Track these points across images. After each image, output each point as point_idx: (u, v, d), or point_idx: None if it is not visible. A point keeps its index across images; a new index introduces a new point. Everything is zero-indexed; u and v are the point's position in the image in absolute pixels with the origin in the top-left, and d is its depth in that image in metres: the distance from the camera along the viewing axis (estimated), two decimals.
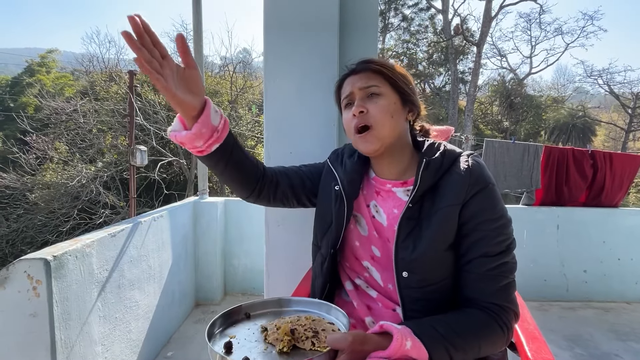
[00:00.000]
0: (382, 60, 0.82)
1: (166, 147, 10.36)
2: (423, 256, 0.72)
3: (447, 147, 0.80)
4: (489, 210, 0.72)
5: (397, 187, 0.81)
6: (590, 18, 15.98)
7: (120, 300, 1.70)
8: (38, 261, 1.22)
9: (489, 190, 0.73)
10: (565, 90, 18.95)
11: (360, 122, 0.78)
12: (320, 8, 1.28)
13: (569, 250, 2.99)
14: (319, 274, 0.89)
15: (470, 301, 0.72)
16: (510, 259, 0.72)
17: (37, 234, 9.57)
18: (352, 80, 0.82)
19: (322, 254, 0.87)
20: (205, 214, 2.72)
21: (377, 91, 0.79)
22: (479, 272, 0.71)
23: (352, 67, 0.84)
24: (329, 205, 0.86)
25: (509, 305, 0.70)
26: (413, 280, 0.73)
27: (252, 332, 0.71)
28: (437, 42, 16.39)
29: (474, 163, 0.75)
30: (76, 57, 17.56)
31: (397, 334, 0.61)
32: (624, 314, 2.76)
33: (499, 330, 0.69)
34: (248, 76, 12.95)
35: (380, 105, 0.77)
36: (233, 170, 0.82)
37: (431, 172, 0.75)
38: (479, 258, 0.71)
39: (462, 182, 0.72)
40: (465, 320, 0.69)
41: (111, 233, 1.64)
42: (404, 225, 0.75)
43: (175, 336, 2.29)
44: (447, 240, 0.72)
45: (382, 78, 0.79)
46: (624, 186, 3.22)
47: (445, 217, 0.72)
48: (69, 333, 1.33)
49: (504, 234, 0.72)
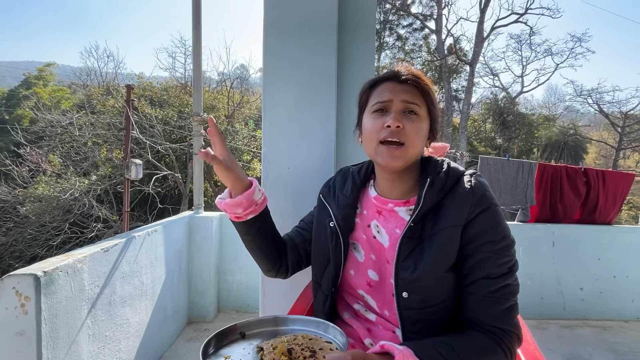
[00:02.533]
0: (426, 80, 0.79)
1: (161, 161, 10.33)
2: (424, 276, 0.70)
3: (451, 166, 0.79)
4: (491, 231, 0.70)
5: (400, 206, 0.80)
6: (579, 40, 16.47)
7: (110, 318, 1.65)
8: (28, 277, 1.19)
9: (491, 211, 0.71)
10: (556, 109, 19.35)
11: (392, 137, 0.74)
12: (318, 19, 1.30)
13: (564, 268, 2.98)
14: (320, 311, 0.87)
15: (472, 323, 0.70)
16: (512, 281, 0.71)
17: (27, 247, 9.37)
18: (395, 88, 0.77)
19: (324, 292, 0.86)
20: (200, 229, 2.69)
21: (417, 111, 0.76)
22: (481, 294, 0.69)
23: (396, 72, 0.78)
24: (326, 242, 0.85)
25: (512, 329, 0.69)
26: (413, 301, 0.72)
27: (248, 352, 0.69)
28: (431, 61, 16.75)
29: (476, 183, 0.74)
30: (74, 71, 17.64)
31: (399, 354, 0.60)
32: (621, 333, 2.74)
33: (501, 355, 0.67)
34: (245, 92, 13.07)
35: (416, 127, 0.75)
36: (262, 240, 0.90)
37: (435, 191, 0.74)
38: (481, 280, 0.70)
39: (465, 202, 0.71)
40: (467, 342, 0.67)
41: (104, 248, 1.61)
42: (405, 245, 0.74)
43: (167, 355, 2.22)
44: (449, 261, 0.71)
45: (423, 99, 0.77)
46: (617, 203, 3.25)
47: (447, 238, 0.70)
48: (56, 352, 1.29)
49: (506, 255, 0.71)
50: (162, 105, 11.02)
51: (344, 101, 1.40)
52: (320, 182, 1.32)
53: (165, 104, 11.08)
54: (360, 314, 0.85)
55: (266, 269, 0.94)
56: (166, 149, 10.06)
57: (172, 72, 14.65)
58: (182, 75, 13.73)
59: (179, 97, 11.39)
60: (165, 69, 22.32)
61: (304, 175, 1.32)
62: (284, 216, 1.32)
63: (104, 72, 14.79)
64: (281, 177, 1.32)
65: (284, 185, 1.31)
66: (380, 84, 0.79)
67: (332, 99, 1.32)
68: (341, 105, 1.39)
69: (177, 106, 11.01)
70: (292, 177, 1.32)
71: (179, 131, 10.52)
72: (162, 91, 11.87)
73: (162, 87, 12.44)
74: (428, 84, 0.78)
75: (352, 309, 0.87)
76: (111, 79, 14.24)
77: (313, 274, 0.91)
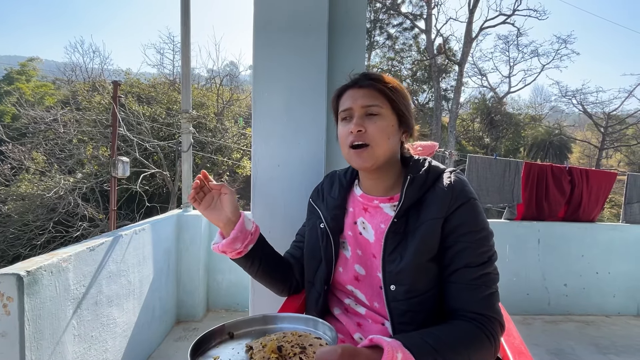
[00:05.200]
0: (386, 79, 0.82)
1: (149, 159, 10.18)
2: (408, 267, 0.74)
3: (432, 164, 0.83)
4: (470, 222, 0.74)
5: (384, 202, 0.83)
6: (564, 42, 16.83)
7: (97, 318, 1.63)
8: (10, 277, 1.16)
9: (470, 205, 0.75)
10: (542, 109, 19.75)
11: (356, 140, 0.79)
12: (309, 17, 1.30)
13: (549, 264, 3.05)
14: (313, 309, 0.89)
15: (456, 312, 0.73)
16: (492, 270, 0.74)
17: (9, 247, 9.12)
18: (354, 95, 0.81)
19: (317, 290, 0.89)
20: (189, 227, 2.66)
21: (377, 112, 0.79)
22: (462, 282, 0.73)
23: (356, 79, 0.83)
24: (317, 242, 0.89)
25: (494, 315, 0.71)
26: (400, 292, 0.75)
27: (237, 352, 0.69)
28: (421, 61, 16.89)
29: (456, 179, 0.78)
30: (58, 66, 17.22)
31: (388, 346, 0.61)
32: (603, 327, 2.82)
33: (486, 341, 0.69)
34: (235, 89, 12.96)
35: (378, 126, 0.78)
36: (268, 266, 0.92)
37: (415, 188, 0.78)
38: (462, 269, 0.73)
39: (445, 197, 0.75)
40: (453, 331, 0.69)
41: (90, 247, 1.58)
42: (390, 239, 0.77)
43: (155, 355, 2.20)
44: (431, 251, 0.74)
45: (384, 98, 0.80)
46: (600, 202, 3.34)
47: (429, 230, 0.74)
48: (40, 354, 1.26)
49: (485, 245, 0.74)
50: (149, 102, 10.84)
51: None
52: (310, 180, 1.32)
53: (153, 100, 10.90)
54: (350, 309, 0.87)
55: (279, 291, 0.97)
56: (154, 147, 9.91)
57: (160, 69, 14.46)
58: (170, 72, 13.56)
59: (167, 94, 11.23)
60: (153, 66, 22.03)
61: (294, 174, 1.31)
62: (274, 214, 1.32)
63: (89, 68, 14.49)
64: (271, 175, 1.31)
65: (274, 183, 1.31)
66: (344, 93, 0.84)
67: (322, 97, 1.32)
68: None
69: (165, 103, 10.85)
70: (283, 175, 1.31)
71: (167, 128, 10.38)
72: (149, 88, 11.68)
73: (150, 83, 12.25)
74: (389, 83, 0.81)
75: (342, 304, 0.88)
76: (97, 74, 13.96)
77: (306, 274, 0.93)
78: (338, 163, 1.39)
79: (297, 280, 0.96)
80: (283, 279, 0.95)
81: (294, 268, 0.96)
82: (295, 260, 0.97)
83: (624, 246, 3.12)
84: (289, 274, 0.95)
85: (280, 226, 1.31)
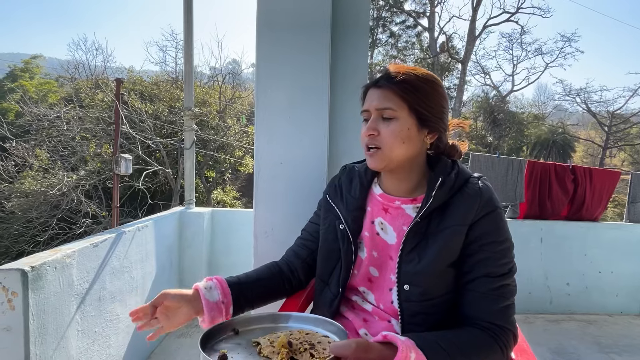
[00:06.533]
0: (407, 79, 0.75)
1: (152, 157, 10.20)
2: (426, 270, 0.73)
3: (460, 167, 0.80)
4: (495, 232, 0.74)
5: (407, 204, 0.81)
6: (568, 40, 16.74)
7: (100, 314, 1.64)
8: (14, 272, 1.17)
9: (496, 214, 0.75)
10: (546, 108, 19.65)
11: (370, 143, 0.78)
12: (312, 14, 1.30)
13: (552, 263, 3.04)
14: (326, 310, 0.86)
15: (471, 319, 0.72)
16: (511, 282, 0.74)
17: (13, 244, 9.18)
18: (371, 96, 0.79)
19: (332, 291, 0.86)
20: (191, 225, 2.67)
21: (391, 115, 0.76)
22: (481, 291, 0.72)
23: (377, 78, 0.80)
24: (335, 242, 0.86)
25: (509, 327, 0.71)
26: (414, 293, 0.74)
27: (244, 347, 0.69)
28: (424, 59, 16.82)
29: (484, 186, 0.76)
30: (61, 64, 17.25)
31: (402, 345, 0.61)
32: (605, 327, 2.81)
33: (498, 351, 0.69)
34: (237, 87, 12.96)
35: (391, 130, 0.75)
36: (261, 300, 0.88)
37: (445, 191, 0.76)
38: (482, 277, 0.72)
39: (472, 203, 0.74)
40: (466, 337, 0.69)
41: (93, 243, 1.58)
42: (410, 239, 0.76)
43: (157, 351, 2.21)
44: (452, 256, 0.74)
45: (400, 100, 0.75)
46: (603, 201, 3.32)
47: (453, 235, 0.73)
48: (44, 348, 1.27)
49: (507, 257, 0.74)
50: (152, 99, 10.86)
51: (337, 97, 1.40)
52: (313, 178, 1.32)
53: (155, 98, 10.92)
54: (357, 305, 0.86)
55: (284, 297, 0.96)
56: (156, 144, 9.93)
57: (162, 67, 14.47)
58: (172, 70, 13.56)
59: (169, 92, 11.24)
60: (155, 63, 21.99)
61: (297, 171, 1.31)
62: (276, 212, 1.32)
63: (92, 66, 14.51)
64: (274, 172, 1.31)
65: (276, 181, 1.31)
66: (367, 91, 0.81)
67: (325, 95, 1.32)
68: (334, 100, 1.39)
69: (168, 101, 10.87)
70: (285, 172, 1.31)
71: (170, 126, 10.39)
72: (152, 85, 11.69)
73: (153, 81, 12.26)
74: (409, 83, 0.75)
75: (350, 301, 0.88)
76: (100, 72, 13.98)
77: (319, 273, 0.90)
78: (341, 161, 1.39)
79: (299, 281, 0.93)
80: (282, 293, 0.92)
81: (297, 268, 0.93)
82: (301, 260, 0.93)
83: (627, 245, 3.11)
84: (285, 284, 0.91)
85: (282, 223, 1.31)
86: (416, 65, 0.91)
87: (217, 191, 11.42)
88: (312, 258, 0.93)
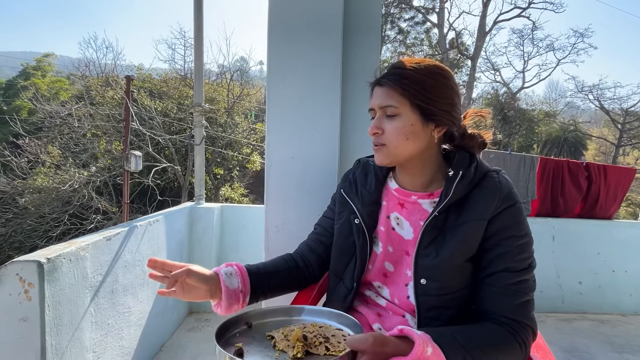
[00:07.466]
0: (406, 73, 0.75)
1: (161, 153, 10.31)
2: (444, 264, 0.72)
3: (479, 161, 0.79)
4: (515, 227, 0.73)
5: (423, 198, 0.80)
6: (581, 35, 16.41)
7: (113, 306, 1.66)
8: (31, 263, 1.19)
9: (516, 208, 0.74)
10: (557, 105, 19.32)
11: (375, 141, 0.78)
12: (324, 10, 1.29)
13: (564, 262, 3.00)
14: (340, 304, 0.86)
15: (489, 314, 0.71)
16: (530, 277, 0.72)
17: (26, 239, 9.38)
18: (375, 94, 0.79)
19: (346, 286, 0.86)
20: (201, 220, 2.68)
21: (393, 112, 0.75)
22: (499, 286, 0.71)
23: (379, 77, 0.80)
24: (350, 237, 0.85)
25: (528, 323, 0.70)
26: (431, 287, 0.73)
27: (259, 341, 0.69)
28: (433, 55, 16.66)
29: (503, 180, 0.76)
30: (72, 62, 17.51)
31: (419, 339, 0.60)
32: (619, 326, 2.76)
33: (517, 347, 0.68)
34: (245, 84, 13.00)
35: (394, 127, 0.75)
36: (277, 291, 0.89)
37: (464, 185, 0.75)
38: (501, 272, 0.71)
39: (492, 197, 0.73)
40: (484, 333, 0.68)
41: (106, 237, 1.60)
42: (428, 233, 0.75)
43: (168, 344, 2.24)
44: (470, 251, 0.73)
45: (401, 97, 0.74)
46: (617, 199, 3.26)
47: (472, 230, 0.72)
48: (59, 339, 1.29)
49: (526, 251, 0.73)
50: (161, 97, 10.96)
51: (349, 92, 1.39)
52: (324, 173, 1.32)
53: (164, 95, 11.02)
54: (370, 300, 0.86)
55: (297, 290, 0.96)
56: (166, 141, 10.03)
57: (171, 64, 14.56)
58: (181, 67, 13.64)
59: (178, 89, 11.33)
60: (164, 61, 22.21)
61: (309, 166, 1.31)
62: (287, 206, 1.32)
63: (102, 63, 14.70)
64: (285, 167, 1.31)
65: (287, 175, 1.31)
66: (373, 90, 0.81)
67: (336, 89, 1.31)
68: (346, 96, 1.39)
69: (177, 98, 10.95)
70: (297, 167, 1.31)
71: (179, 123, 10.48)
72: (161, 83, 11.80)
73: (162, 78, 12.36)
74: (407, 78, 0.74)
75: (363, 296, 0.87)
76: (110, 70, 14.15)
77: (333, 267, 0.90)
78: (352, 156, 1.38)
79: (313, 275, 0.93)
80: (296, 286, 0.93)
81: (312, 262, 0.93)
82: (316, 256, 0.93)
83: None
84: (300, 278, 0.92)
85: (294, 218, 1.32)
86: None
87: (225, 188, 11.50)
88: (327, 253, 0.93)
